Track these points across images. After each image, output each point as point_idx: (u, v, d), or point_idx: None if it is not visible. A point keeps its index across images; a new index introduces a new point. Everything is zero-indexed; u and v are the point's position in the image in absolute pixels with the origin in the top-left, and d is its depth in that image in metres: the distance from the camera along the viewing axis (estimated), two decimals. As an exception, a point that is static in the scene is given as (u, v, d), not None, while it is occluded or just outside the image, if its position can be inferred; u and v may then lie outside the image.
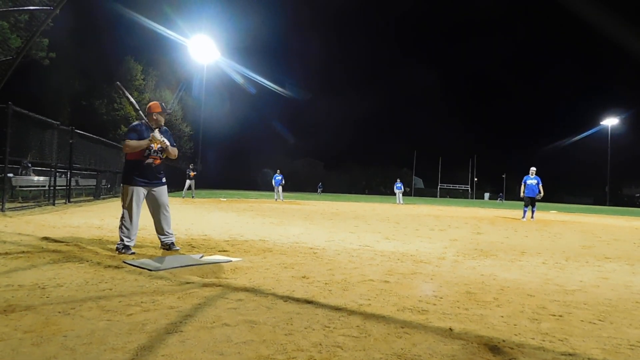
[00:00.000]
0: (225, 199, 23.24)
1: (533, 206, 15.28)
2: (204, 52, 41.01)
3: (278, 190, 25.20)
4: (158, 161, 5.34)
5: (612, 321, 3.08)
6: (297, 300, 3.27)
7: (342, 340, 2.44)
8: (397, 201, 29.43)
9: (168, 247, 5.33)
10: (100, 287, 3.44)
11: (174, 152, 5.42)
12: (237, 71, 49.35)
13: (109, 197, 18.88)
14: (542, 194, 14.92)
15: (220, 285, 3.62)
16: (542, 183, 14.95)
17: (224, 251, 5.41)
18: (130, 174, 5.18)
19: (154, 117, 5.30)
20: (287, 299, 3.30)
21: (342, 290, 3.64)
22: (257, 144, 76.86)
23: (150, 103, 5.45)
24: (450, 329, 2.75)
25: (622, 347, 2.57)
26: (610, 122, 66.11)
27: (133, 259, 4.63)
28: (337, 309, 3.09)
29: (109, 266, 4.23)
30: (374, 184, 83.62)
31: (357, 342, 2.41)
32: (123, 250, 4.94)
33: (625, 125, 69.87)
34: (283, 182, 25.46)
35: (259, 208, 16.12)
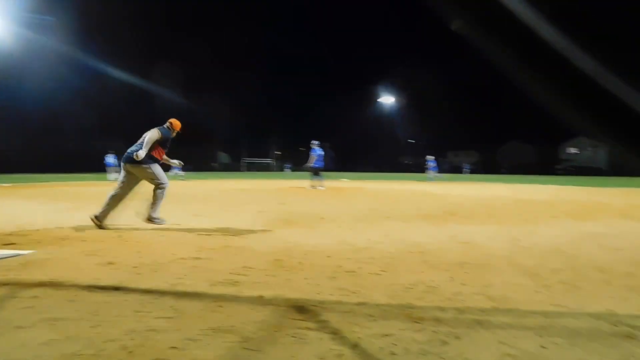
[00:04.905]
0: (9, 185, 19.87)
1: (317, 176, 16.92)
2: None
3: (116, 171, 23.33)
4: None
5: (392, 270, 3.68)
6: (104, 288, 3.10)
7: (156, 322, 2.42)
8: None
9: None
10: None
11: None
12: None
13: None
14: (310, 164, 16.74)
15: (8, 284, 3.20)
16: (318, 153, 16.71)
17: (11, 244, 4.72)
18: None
19: (174, 134, 6.73)
20: (91, 288, 3.09)
21: (153, 272, 3.56)
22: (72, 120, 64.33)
23: (176, 121, 6.70)
24: (261, 296, 2.94)
25: (399, 290, 3.10)
26: (388, 100, 73.91)
27: None
28: (148, 291, 3.03)
29: None
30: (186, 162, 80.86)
31: (171, 323, 2.42)
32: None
33: (402, 103, 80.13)
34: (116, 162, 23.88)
35: (56, 193, 14.28)
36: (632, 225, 6.75)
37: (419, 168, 28.93)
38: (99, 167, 27.06)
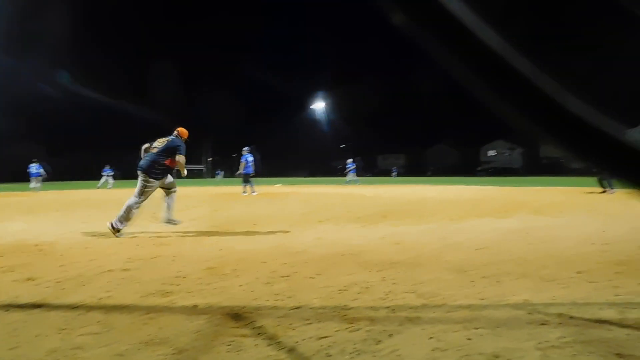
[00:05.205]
0: None
1: (248, 182, 16.70)
2: None
3: (38, 181, 21.68)
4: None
5: (326, 273, 3.73)
6: (23, 306, 2.90)
7: (82, 340, 2.31)
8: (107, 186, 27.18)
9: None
10: None
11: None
12: None
13: None
14: (240, 171, 16.64)
15: None
16: (252, 160, 16.68)
17: None
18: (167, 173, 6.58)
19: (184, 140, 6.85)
20: (8, 307, 2.88)
21: (78, 287, 3.38)
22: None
23: (184, 130, 6.90)
24: (195, 305, 2.88)
25: (334, 292, 3.16)
26: (318, 105, 74.15)
27: None
28: (73, 307, 2.87)
29: None
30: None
31: (99, 339, 2.32)
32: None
33: (331, 108, 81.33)
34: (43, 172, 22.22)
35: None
36: (544, 220, 7.28)
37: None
38: (19, 176, 25.12)
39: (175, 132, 6.86)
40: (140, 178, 6.34)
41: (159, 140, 6.68)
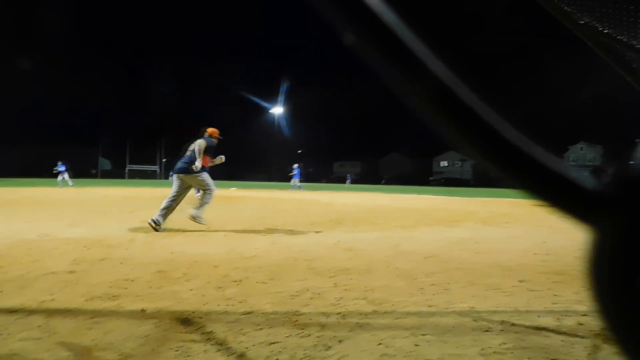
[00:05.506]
0: None
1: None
2: None
3: None
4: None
5: (279, 279, 3.73)
6: (-44, 310, 2.75)
7: (21, 345, 2.20)
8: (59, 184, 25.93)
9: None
10: None
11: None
12: None
13: None
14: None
15: None
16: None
17: None
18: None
19: (216, 141, 7.22)
20: (-60, 310, 2.72)
21: (18, 289, 3.23)
22: None
23: (214, 130, 7.25)
24: (143, 310, 2.82)
25: (286, 298, 3.17)
26: (277, 110, 74.19)
27: None
28: (11, 311, 2.74)
29: None
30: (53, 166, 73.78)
31: (39, 344, 2.22)
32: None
33: (288, 113, 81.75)
34: None
35: None
36: (491, 230, 7.58)
37: (306, 177, 29.60)
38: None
39: (205, 134, 7.20)
40: (188, 180, 6.87)
41: (192, 144, 7.07)
